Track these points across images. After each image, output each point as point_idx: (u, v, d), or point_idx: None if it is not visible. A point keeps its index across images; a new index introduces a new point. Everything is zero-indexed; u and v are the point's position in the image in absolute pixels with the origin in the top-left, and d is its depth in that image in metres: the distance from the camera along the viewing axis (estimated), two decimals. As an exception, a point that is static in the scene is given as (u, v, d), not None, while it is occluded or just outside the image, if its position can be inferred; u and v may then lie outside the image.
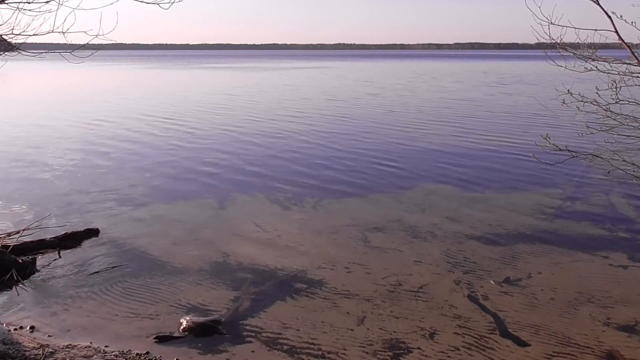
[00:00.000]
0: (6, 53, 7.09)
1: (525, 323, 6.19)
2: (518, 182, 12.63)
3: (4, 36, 6.46)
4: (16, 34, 6.38)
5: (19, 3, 6.15)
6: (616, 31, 6.04)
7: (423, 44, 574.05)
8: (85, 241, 8.83)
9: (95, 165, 14.61)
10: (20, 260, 7.57)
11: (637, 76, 6.31)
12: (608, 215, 10.15)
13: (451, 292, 7.01)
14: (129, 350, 5.66)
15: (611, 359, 5.54)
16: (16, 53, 6.86)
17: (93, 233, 9.12)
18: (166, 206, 10.89)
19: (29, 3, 6.14)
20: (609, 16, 6.02)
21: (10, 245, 7.86)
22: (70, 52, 6.94)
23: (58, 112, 26.89)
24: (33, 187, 12.23)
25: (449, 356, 5.58)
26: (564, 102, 6.99)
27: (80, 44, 6.62)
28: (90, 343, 5.79)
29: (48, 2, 6.12)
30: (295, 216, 10.26)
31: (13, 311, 6.52)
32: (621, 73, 6.40)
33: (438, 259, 8.12)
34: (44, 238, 8.66)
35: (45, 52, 7.08)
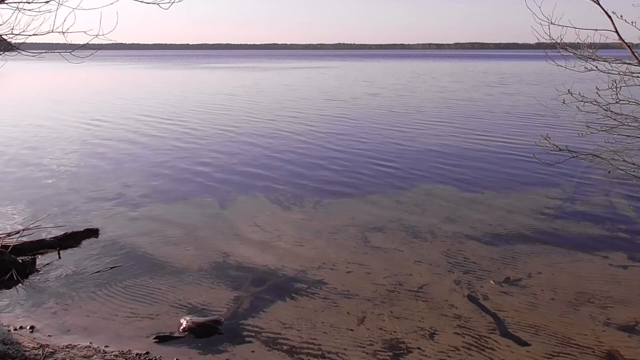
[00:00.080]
0: (6, 53, 7.08)
1: (525, 323, 6.19)
2: (518, 182, 12.63)
3: (3, 36, 6.45)
4: (16, 34, 6.38)
5: (19, 3, 6.15)
6: (616, 31, 6.04)
7: (423, 44, 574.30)
8: (84, 241, 8.84)
9: (95, 166, 14.61)
10: (20, 260, 7.58)
11: (638, 76, 6.31)
12: (608, 215, 10.15)
13: (451, 292, 7.01)
14: (129, 350, 5.66)
15: (611, 359, 5.54)
16: (16, 53, 6.85)
17: (93, 233, 9.12)
18: (166, 206, 10.89)
19: (29, 3, 6.13)
20: (609, 16, 6.02)
21: (10, 245, 7.86)
22: (70, 52, 6.94)
23: (58, 112, 26.89)
24: (33, 188, 12.23)
25: (449, 356, 5.58)
26: (564, 102, 6.99)
27: (80, 44, 6.62)
28: (90, 343, 5.79)
29: (48, 2, 6.12)
30: (295, 216, 10.26)
31: (13, 311, 6.52)
32: (621, 73, 6.40)
33: (438, 259, 8.12)
34: (44, 238, 8.67)
35: (45, 52, 7.07)
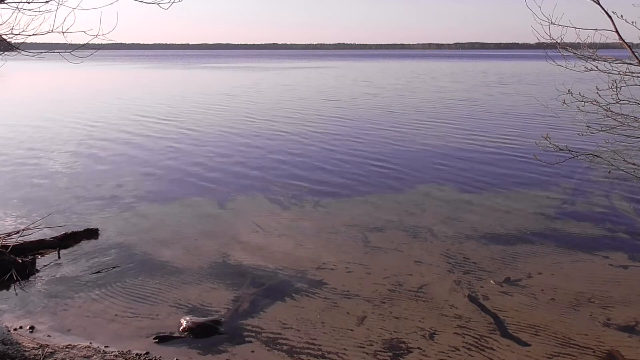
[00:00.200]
0: (6, 53, 7.07)
1: (526, 323, 6.19)
2: (518, 182, 12.62)
3: (3, 36, 6.45)
4: (16, 34, 6.38)
5: (19, 3, 6.15)
6: (616, 31, 6.03)
7: (423, 44, 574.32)
8: (84, 241, 8.83)
9: (95, 166, 14.60)
10: (20, 261, 7.57)
11: (638, 76, 6.31)
12: (608, 215, 10.14)
13: (451, 292, 7.00)
14: (129, 350, 5.66)
15: (611, 359, 5.53)
16: (16, 53, 6.85)
17: (92, 233, 9.12)
18: (166, 206, 10.89)
19: (29, 3, 6.13)
20: (610, 16, 6.01)
21: (10, 245, 7.86)
22: (69, 52, 6.94)
23: (57, 113, 26.88)
24: (32, 188, 12.22)
25: (449, 356, 5.57)
26: (564, 102, 6.99)
27: (79, 44, 6.62)
28: (90, 343, 5.78)
29: (48, 2, 6.12)
30: (295, 216, 10.25)
31: (12, 311, 6.51)
32: (622, 73, 6.40)
33: (438, 259, 8.11)
34: (44, 238, 8.66)
35: (45, 52, 7.07)
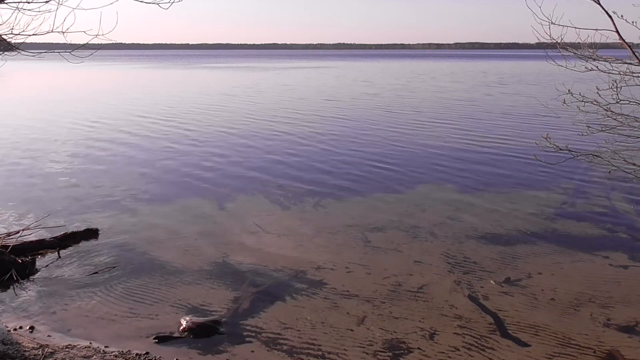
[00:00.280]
0: (6, 53, 7.07)
1: (526, 323, 6.19)
2: (518, 182, 12.62)
3: (3, 36, 6.44)
4: (16, 34, 6.37)
5: (19, 3, 6.14)
6: (617, 31, 6.02)
7: (423, 44, 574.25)
8: (84, 241, 8.83)
9: (95, 166, 14.60)
10: (20, 261, 7.57)
11: (638, 76, 6.30)
12: (608, 215, 10.14)
13: (451, 292, 7.00)
14: (129, 350, 5.65)
15: (611, 359, 5.53)
16: (16, 53, 6.84)
17: (92, 233, 9.11)
18: (165, 206, 10.88)
19: (29, 3, 6.12)
20: (610, 16, 6.00)
21: (9, 245, 7.85)
22: (69, 52, 6.93)
23: (57, 113, 26.88)
24: (32, 188, 12.22)
25: (449, 356, 5.57)
26: (565, 102, 6.98)
27: (79, 44, 6.61)
28: (90, 343, 5.78)
29: (47, 2, 6.11)
30: (295, 216, 10.25)
31: (12, 311, 6.51)
32: (622, 73, 6.39)
33: (438, 259, 8.11)
34: (44, 238, 8.66)
35: (45, 52, 7.06)
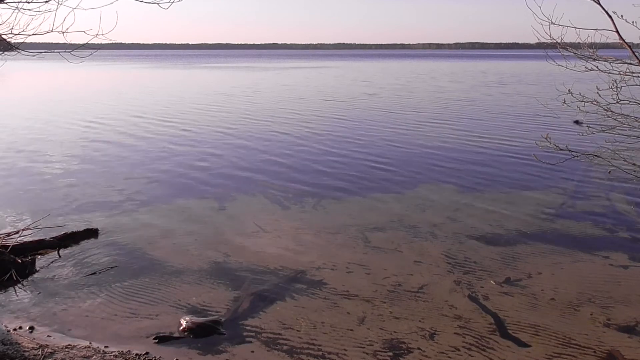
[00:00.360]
0: (5, 53, 7.07)
1: (526, 323, 6.18)
2: (518, 182, 12.62)
3: (3, 36, 6.44)
4: (15, 34, 6.37)
5: (19, 3, 6.14)
6: (617, 31, 6.03)
7: (423, 44, 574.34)
8: (84, 241, 8.82)
9: (94, 166, 14.59)
10: (20, 261, 7.56)
11: (638, 76, 6.30)
12: (608, 215, 10.14)
13: (451, 292, 7.00)
14: (129, 350, 5.65)
15: (612, 359, 5.53)
16: (15, 53, 6.84)
17: (92, 233, 9.11)
18: (165, 206, 10.88)
19: (29, 2, 6.12)
20: (610, 16, 6.01)
21: (9, 245, 7.84)
22: (69, 52, 6.93)
23: (56, 113, 26.87)
24: (32, 188, 12.22)
25: (449, 357, 5.57)
26: (564, 102, 6.98)
27: (79, 44, 6.62)
28: (90, 343, 5.77)
29: (47, 2, 6.11)
30: (295, 216, 10.25)
31: (12, 311, 6.50)
32: (622, 73, 6.39)
33: (438, 259, 8.11)
34: (44, 238, 8.65)
35: (45, 52, 7.07)
